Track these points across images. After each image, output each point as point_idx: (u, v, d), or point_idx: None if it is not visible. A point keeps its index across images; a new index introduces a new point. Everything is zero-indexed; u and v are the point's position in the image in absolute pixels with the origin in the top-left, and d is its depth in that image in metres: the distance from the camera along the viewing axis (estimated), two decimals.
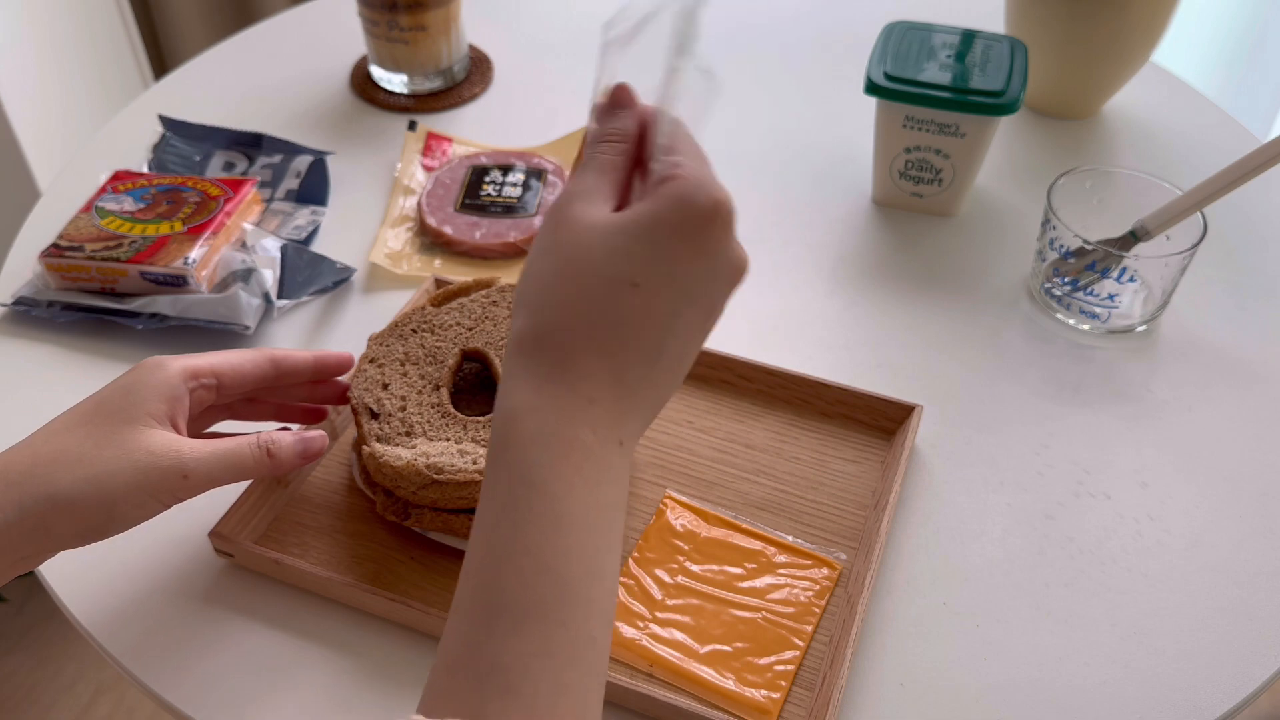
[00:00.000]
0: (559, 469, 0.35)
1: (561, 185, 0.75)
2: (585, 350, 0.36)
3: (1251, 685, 0.50)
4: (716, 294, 0.38)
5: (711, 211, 0.37)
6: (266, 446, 0.47)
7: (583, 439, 0.35)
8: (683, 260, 0.37)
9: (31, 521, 0.42)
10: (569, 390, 0.36)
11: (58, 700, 1.28)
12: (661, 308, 0.37)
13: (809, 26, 0.98)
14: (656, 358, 0.37)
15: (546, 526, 0.34)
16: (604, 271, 0.36)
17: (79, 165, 0.79)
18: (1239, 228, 0.76)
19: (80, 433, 0.44)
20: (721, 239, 0.38)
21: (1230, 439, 0.62)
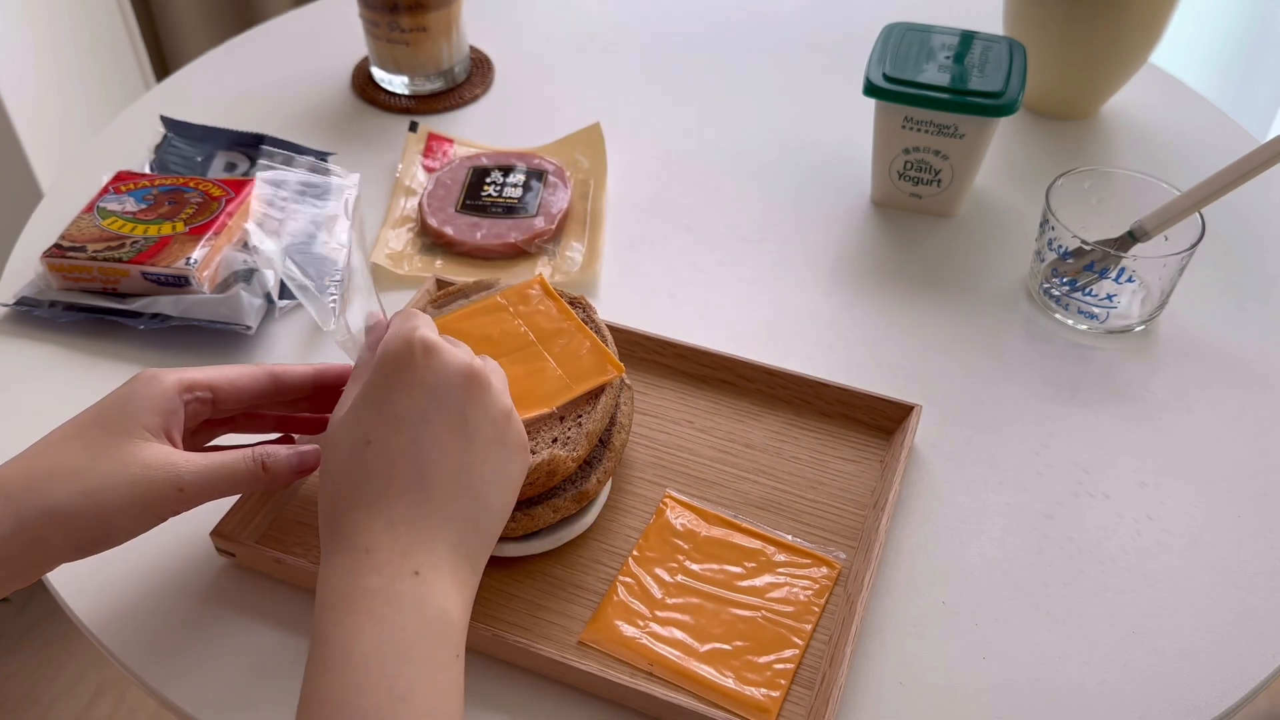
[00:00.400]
0: (344, 621, 0.39)
1: (562, 186, 0.76)
2: (351, 510, 0.41)
3: (1250, 684, 0.50)
4: (453, 406, 0.42)
5: (405, 349, 0.42)
6: (262, 460, 0.47)
7: (366, 585, 0.39)
8: (399, 400, 0.42)
9: (28, 535, 0.42)
10: (347, 551, 0.40)
11: (59, 699, 1.28)
12: (399, 445, 0.41)
13: (808, 27, 0.98)
14: (420, 486, 0.41)
15: (338, 673, 0.37)
16: (345, 446, 0.42)
17: (81, 166, 0.80)
18: (1237, 228, 0.76)
19: (76, 445, 0.44)
20: (428, 365, 0.42)
21: (1229, 439, 0.62)
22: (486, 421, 0.43)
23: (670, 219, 0.77)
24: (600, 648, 0.50)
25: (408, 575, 0.40)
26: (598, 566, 0.54)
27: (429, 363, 0.42)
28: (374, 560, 0.40)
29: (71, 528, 0.43)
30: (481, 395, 0.43)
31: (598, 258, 0.72)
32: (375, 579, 0.39)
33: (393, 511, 0.41)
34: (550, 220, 0.73)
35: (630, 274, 0.72)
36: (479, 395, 0.43)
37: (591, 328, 0.58)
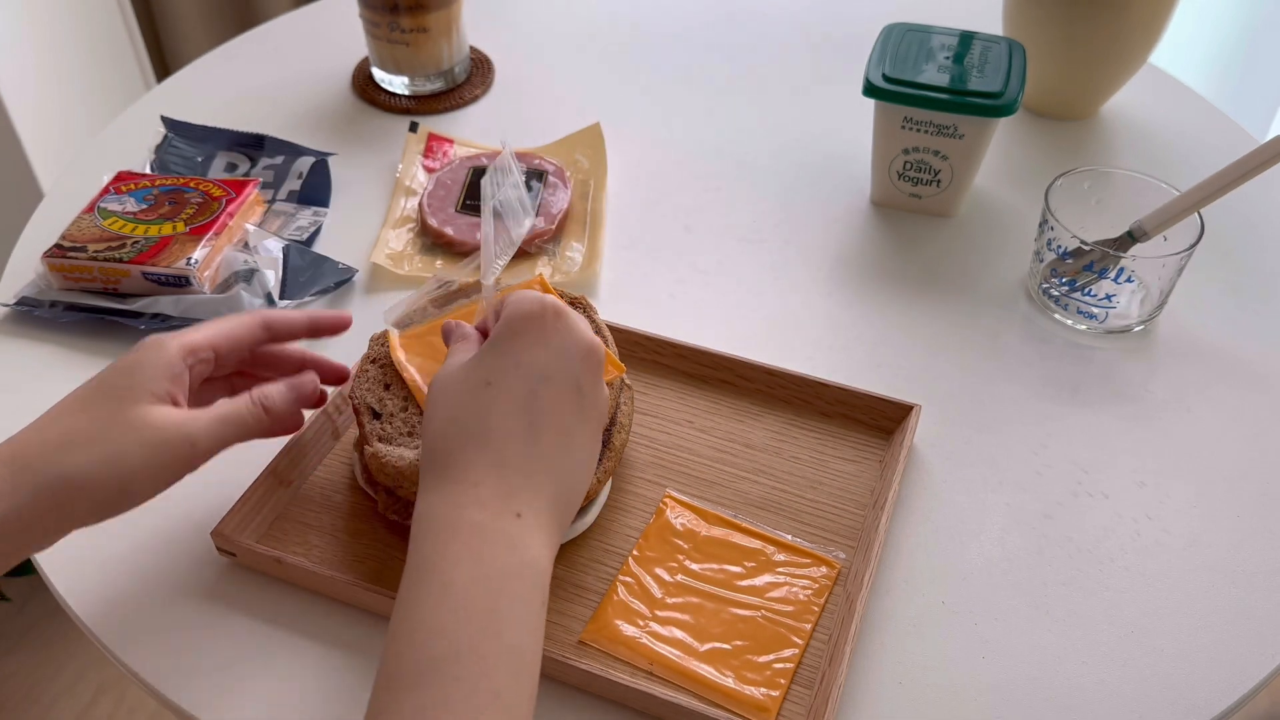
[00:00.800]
0: (445, 549, 0.40)
1: (562, 186, 0.76)
2: (463, 445, 0.43)
3: (1249, 684, 0.50)
4: (573, 372, 0.45)
5: (539, 309, 0.45)
6: (260, 403, 0.49)
7: (470, 519, 0.41)
8: (524, 351, 0.44)
9: (47, 502, 0.43)
10: (454, 482, 0.42)
11: (59, 699, 1.28)
12: (518, 392, 0.43)
13: (808, 28, 0.98)
14: (531, 433, 0.43)
15: (434, 597, 0.39)
16: (464, 385, 0.44)
17: (81, 166, 0.80)
18: (1236, 228, 0.76)
19: (87, 414, 0.45)
20: (556, 328, 0.45)
21: (1228, 439, 0.62)
22: (595, 396, 0.45)
23: (670, 219, 0.77)
24: (600, 647, 0.50)
25: (510, 516, 0.41)
26: (598, 566, 0.54)
27: (557, 325, 0.45)
28: (480, 494, 0.41)
29: (90, 493, 0.44)
30: (596, 370, 0.46)
31: (598, 258, 0.72)
32: (480, 513, 0.41)
33: (503, 452, 0.42)
34: (550, 220, 0.73)
35: (630, 274, 0.72)
36: (595, 369, 0.45)
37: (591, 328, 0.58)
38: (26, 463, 0.43)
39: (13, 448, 0.44)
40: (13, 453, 0.43)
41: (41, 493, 0.43)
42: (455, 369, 0.45)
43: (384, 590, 0.50)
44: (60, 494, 0.43)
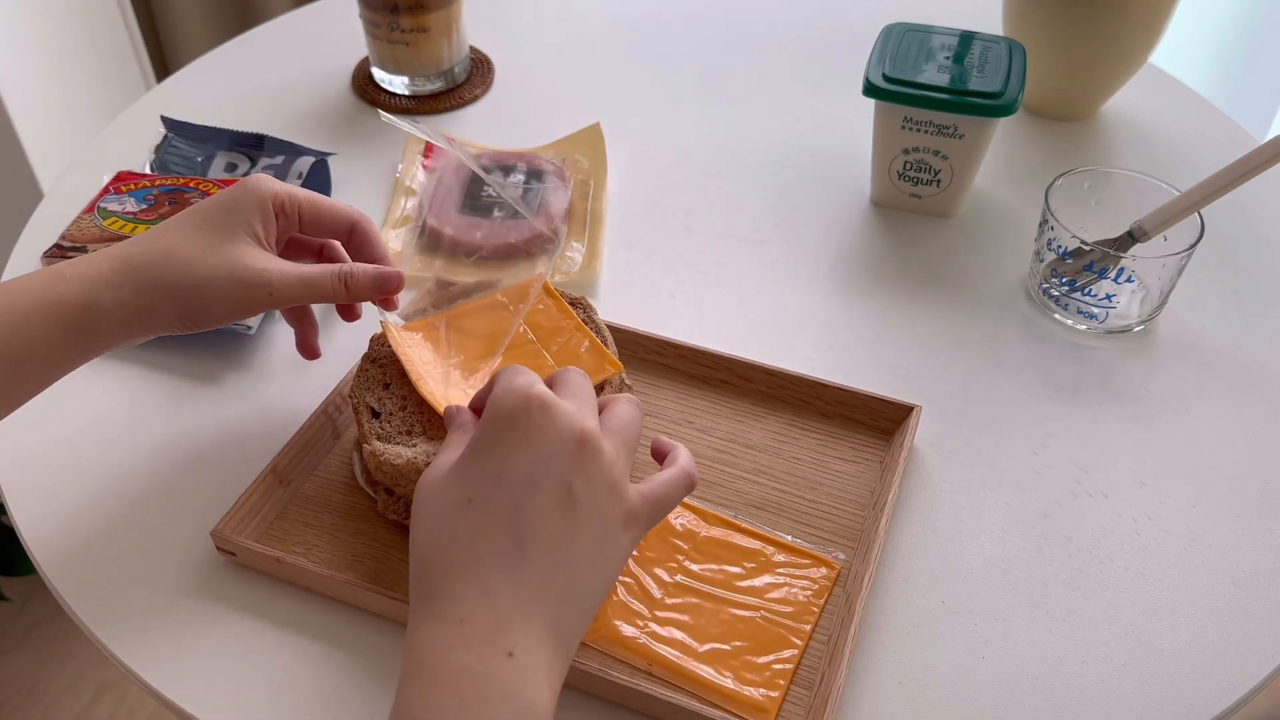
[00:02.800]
0: (428, 697, 0.37)
1: (562, 186, 0.76)
2: (446, 573, 0.39)
3: (1249, 684, 0.50)
4: (560, 473, 0.40)
5: (521, 405, 0.41)
6: (345, 278, 0.52)
7: (457, 663, 0.37)
8: (505, 458, 0.40)
9: (145, 301, 0.49)
10: (439, 618, 0.38)
11: (60, 699, 1.28)
12: (501, 507, 0.40)
13: (808, 28, 0.98)
14: (520, 555, 0.39)
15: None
16: (445, 501, 0.41)
17: (81, 166, 0.80)
18: (1236, 228, 0.76)
19: (191, 235, 0.50)
20: (541, 425, 0.41)
21: (1228, 438, 0.62)
22: (592, 494, 0.41)
23: (670, 219, 0.77)
24: (599, 647, 0.50)
25: (501, 656, 0.37)
26: None
27: (541, 421, 0.41)
28: (466, 634, 0.38)
29: (179, 304, 0.49)
30: (591, 464, 0.41)
31: (598, 258, 0.72)
32: (467, 656, 0.37)
33: (489, 581, 0.39)
34: (550, 221, 0.73)
35: (630, 274, 0.72)
36: (589, 463, 0.41)
37: (591, 328, 0.58)
38: (136, 264, 0.49)
39: (127, 249, 0.49)
40: (126, 253, 0.49)
41: (142, 293, 0.48)
42: (438, 476, 0.42)
43: (384, 590, 0.50)
44: (155, 298, 0.49)
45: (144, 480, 0.58)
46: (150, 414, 0.61)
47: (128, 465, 0.58)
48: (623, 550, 0.42)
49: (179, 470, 0.58)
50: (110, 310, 0.48)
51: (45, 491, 0.57)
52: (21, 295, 0.47)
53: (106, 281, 0.48)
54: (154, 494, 0.57)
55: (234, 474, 0.57)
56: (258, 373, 0.64)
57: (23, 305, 0.47)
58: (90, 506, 0.56)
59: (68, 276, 0.48)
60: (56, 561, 0.54)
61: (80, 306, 0.48)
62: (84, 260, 0.49)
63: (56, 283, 0.48)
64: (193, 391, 0.63)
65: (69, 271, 0.48)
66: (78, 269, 0.48)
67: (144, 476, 0.58)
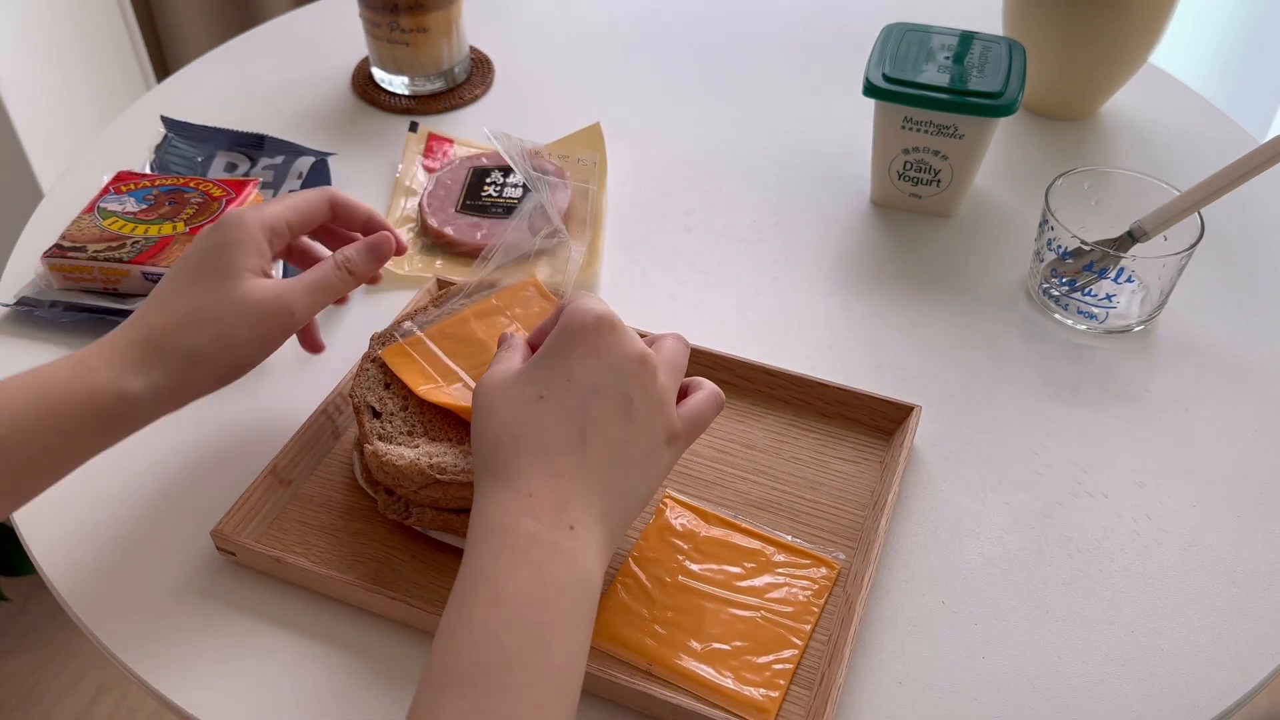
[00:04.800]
0: (499, 557, 0.41)
1: (563, 185, 0.76)
2: (515, 456, 0.43)
3: (1249, 684, 0.50)
4: (622, 384, 0.45)
5: (592, 322, 0.46)
6: (345, 266, 0.54)
7: (525, 529, 0.41)
8: (575, 365, 0.45)
9: (176, 379, 0.49)
10: (511, 491, 0.43)
11: (60, 699, 1.28)
12: (568, 405, 0.44)
13: (808, 28, 0.98)
14: (583, 446, 0.44)
15: (488, 605, 0.39)
16: (516, 396, 0.45)
17: (81, 166, 0.80)
18: (1236, 228, 0.76)
19: (198, 293, 0.50)
20: (609, 341, 0.46)
21: (1228, 438, 0.62)
22: (646, 407, 0.45)
23: (670, 219, 0.77)
24: (599, 647, 0.50)
25: (564, 528, 0.42)
26: None
27: (610, 338, 0.46)
28: (535, 505, 0.42)
29: (212, 367, 0.50)
30: (648, 380, 0.46)
31: (598, 258, 0.72)
32: (534, 524, 0.41)
33: (556, 463, 0.43)
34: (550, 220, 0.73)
35: (630, 274, 0.72)
36: (646, 380, 0.46)
37: None
38: (158, 343, 0.48)
39: (143, 329, 0.49)
40: (144, 334, 0.49)
41: (171, 369, 0.48)
42: (505, 377, 0.46)
43: (384, 590, 0.50)
44: (187, 369, 0.49)
45: (144, 480, 0.58)
46: None
47: (128, 465, 0.58)
48: (665, 464, 0.47)
49: (179, 470, 0.58)
50: (142, 396, 0.48)
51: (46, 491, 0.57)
52: (50, 387, 0.46)
53: (134, 368, 0.48)
54: (154, 494, 0.57)
55: (234, 474, 0.57)
56: (258, 372, 0.63)
57: (51, 399, 0.46)
58: (90, 507, 0.56)
59: (93, 365, 0.47)
60: (56, 561, 0.54)
61: (112, 398, 0.47)
62: (106, 346, 0.48)
63: (84, 373, 0.47)
64: None
65: (94, 359, 0.47)
66: (103, 357, 0.47)
67: (144, 476, 0.58)
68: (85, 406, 0.46)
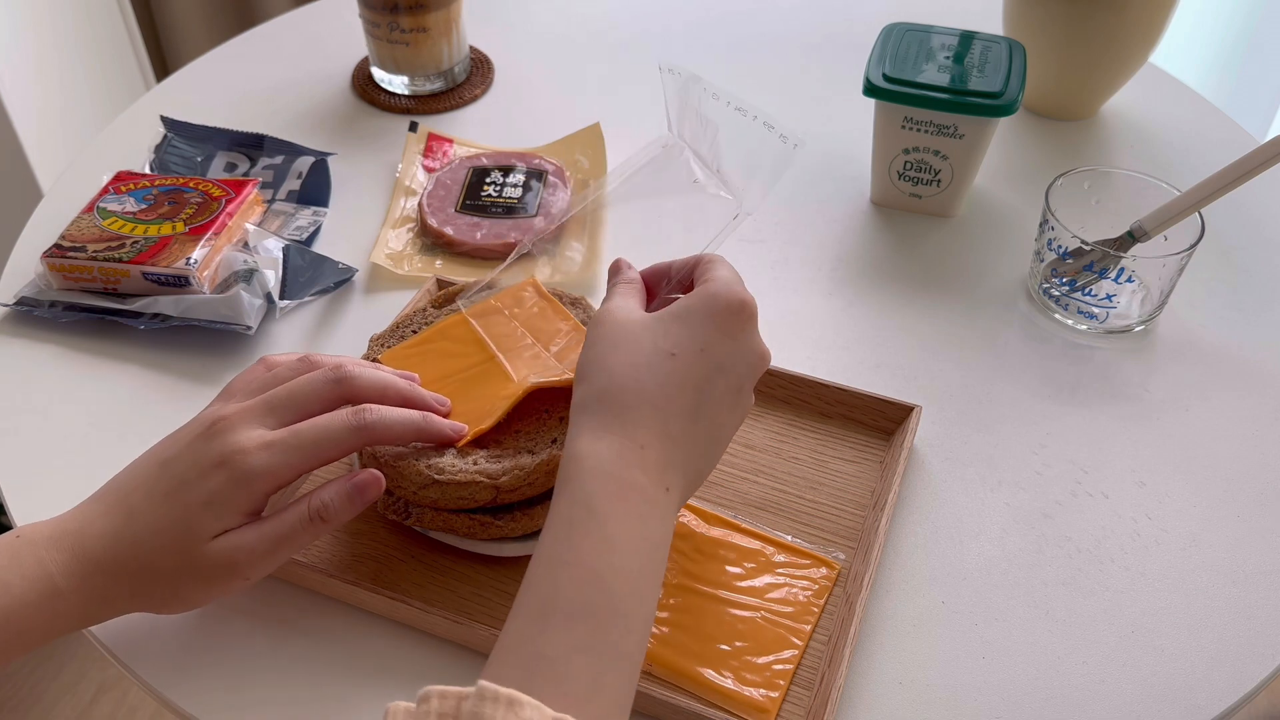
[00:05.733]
0: (612, 502, 0.41)
1: (562, 186, 0.76)
2: (637, 404, 0.43)
3: (1249, 684, 0.50)
4: (743, 373, 0.47)
5: (738, 305, 0.47)
6: (318, 513, 0.47)
7: (634, 479, 0.42)
8: (712, 338, 0.46)
9: (111, 609, 0.46)
10: (625, 437, 0.43)
11: (60, 699, 1.28)
12: (696, 373, 0.45)
13: (808, 28, 0.98)
14: (695, 415, 0.44)
15: (598, 545, 0.40)
16: (648, 344, 0.45)
17: (81, 166, 0.80)
18: (1237, 228, 0.76)
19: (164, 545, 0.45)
20: (746, 328, 0.47)
21: (1227, 438, 0.62)
22: (748, 400, 0.48)
23: None
24: None
25: (662, 489, 0.42)
26: None
27: (747, 326, 0.47)
28: (645, 458, 0.42)
29: (149, 605, 0.47)
30: (758, 376, 0.48)
31: (598, 258, 0.72)
32: (640, 476, 0.42)
33: (670, 425, 0.43)
34: (550, 220, 0.73)
35: None
36: (758, 376, 0.48)
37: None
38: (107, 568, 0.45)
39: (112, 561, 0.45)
40: (112, 566, 0.45)
41: (135, 599, 0.46)
42: (635, 319, 0.46)
43: (384, 590, 0.50)
44: (126, 605, 0.46)
45: None
46: (150, 414, 0.61)
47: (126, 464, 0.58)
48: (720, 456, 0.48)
49: None
50: (106, 616, 0.46)
51: (45, 491, 0.57)
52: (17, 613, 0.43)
53: (101, 597, 0.45)
54: None
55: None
56: None
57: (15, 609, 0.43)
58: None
59: (62, 589, 0.44)
60: None
61: (79, 620, 0.45)
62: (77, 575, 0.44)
63: (53, 598, 0.44)
64: (193, 391, 0.63)
65: (63, 583, 0.44)
66: (71, 581, 0.44)
67: None
68: (48, 625, 0.44)
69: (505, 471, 0.50)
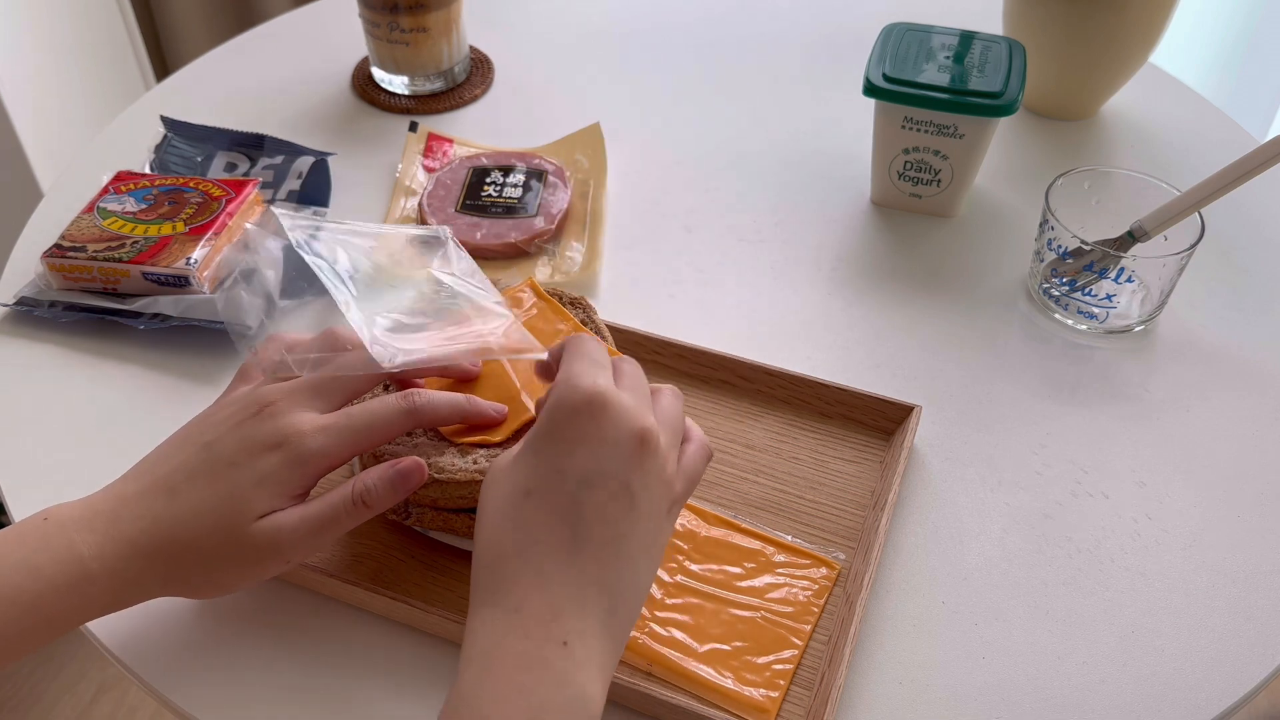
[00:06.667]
0: (484, 682, 0.38)
1: (562, 186, 0.76)
2: (504, 561, 0.40)
3: (1250, 684, 0.50)
4: (619, 471, 0.41)
5: (583, 403, 0.41)
6: (360, 497, 0.46)
7: (512, 648, 0.38)
8: (564, 455, 0.41)
9: (143, 593, 0.46)
10: (495, 606, 0.39)
11: (60, 699, 1.28)
12: (560, 501, 0.40)
13: (808, 27, 0.98)
14: (575, 547, 0.40)
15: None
16: (506, 490, 0.41)
17: (81, 166, 0.80)
18: (1237, 228, 0.76)
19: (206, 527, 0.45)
20: (600, 423, 0.41)
21: (1228, 438, 0.62)
22: (648, 491, 0.41)
23: (670, 219, 0.77)
24: None
25: (555, 644, 0.38)
26: None
27: (602, 419, 0.41)
28: (523, 621, 0.38)
29: (188, 591, 0.47)
30: (649, 461, 0.41)
31: (598, 258, 0.72)
32: (522, 642, 0.38)
33: (544, 568, 0.39)
34: (550, 220, 0.73)
35: (630, 274, 0.72)
36: (647, 461, 0.41)
37: (591, 328, 0.58)
38: (145, 550, 0.44)
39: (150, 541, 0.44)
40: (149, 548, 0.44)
41: (168, 584, 0.46)
42: (506, 463, 0.42)
43: (383, 590, 0.50)
44: (163, 588, 0.46)
45: None
46: (150, 414, 0.61)
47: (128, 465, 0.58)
48: (668, 535, 0.43)
49: None
50: (136, 600, 0.45)
51: (45, 491, 0.57)
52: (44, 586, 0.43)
53: (134, 580, 0.44)
54: None
55: None
56: None
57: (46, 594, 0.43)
58: None
59: (94, 573, 0.43)
60: None
61: (108, 605, 0.45)
62: (110, 557, 0.44)
63: (84, 581, 0.43)
64: (193, 391, 0.63)
65: (94, 566, 0.43)
66: (104, 564, 0.43)
67: None
68: (78, 609, 0.44)
69: None
